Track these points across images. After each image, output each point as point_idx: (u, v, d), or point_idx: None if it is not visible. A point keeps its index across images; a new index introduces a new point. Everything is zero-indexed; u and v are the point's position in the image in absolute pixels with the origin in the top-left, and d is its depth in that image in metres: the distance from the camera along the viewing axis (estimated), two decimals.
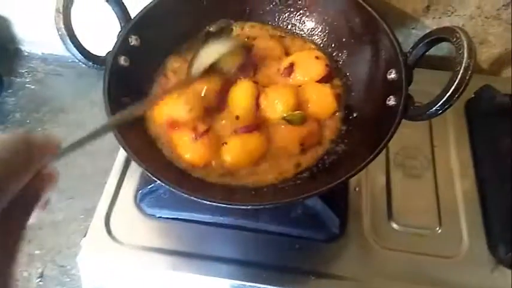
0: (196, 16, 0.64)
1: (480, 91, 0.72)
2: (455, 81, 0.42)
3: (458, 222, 0.62)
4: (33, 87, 0.89)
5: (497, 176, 0.64)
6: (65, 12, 0.52)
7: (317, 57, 0.62)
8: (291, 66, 0.61)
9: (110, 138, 0.80)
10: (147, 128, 0.58)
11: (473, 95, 0.72)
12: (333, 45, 0.64)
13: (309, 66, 0.61)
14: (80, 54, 0.54)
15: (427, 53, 0.51)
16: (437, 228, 0.61)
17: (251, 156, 0.56)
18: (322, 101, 0.59)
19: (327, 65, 0.61)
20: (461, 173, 0.66)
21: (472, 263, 0.58)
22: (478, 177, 0.65)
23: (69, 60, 0.91)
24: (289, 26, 0.68)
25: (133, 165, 0.66)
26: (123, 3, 0.60)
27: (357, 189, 0.64)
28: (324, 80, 0.61)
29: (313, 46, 0.66)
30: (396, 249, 0.60)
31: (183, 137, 0.56)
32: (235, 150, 0.56)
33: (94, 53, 0.56)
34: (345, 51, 0.63)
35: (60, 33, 0.53)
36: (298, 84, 0.60)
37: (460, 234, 0.61)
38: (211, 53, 0.56)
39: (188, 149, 0.56)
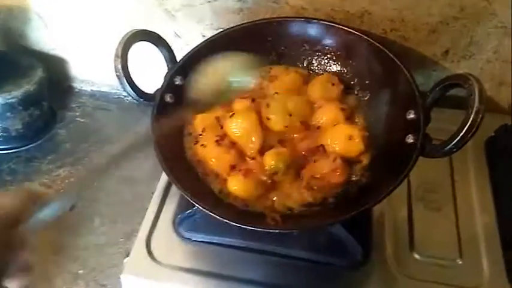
0: None
1: (499, 130, 0.75)
2: (467, 123, 0.47)
3: (479, 255, 0.64)
4: (82, 120, 0.98)
5: None
6: (123, 57, 0.61)
7: (333, 84, 0.68)
8: None
9: (150, 167, 0.87)
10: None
11: (493, 134, 0.76)
12: (358, 87, 0.70)
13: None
14: (133, 92, 0.62)
15: (448, 93, 0.56)
16: (458, 260, 0.63)
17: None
18: (349, 144, 0.62)
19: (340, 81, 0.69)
20: (482, 207, 0.68)
21: None
22: (498, 210, 0.68)
23: (115, 96, 1.01)
24: (317, 69, 0.74)
25: (173, 192, 0.72)
26: (170, 48, 0.68)
27: (380, 220, 0.67)
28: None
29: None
30: (418, 278, 0.62)
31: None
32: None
33: (144, 91, 0.64)
34: (367, 91, 0.68)
35: (117, 74, 0.61)
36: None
37: (481, 266, 0.63)
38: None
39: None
